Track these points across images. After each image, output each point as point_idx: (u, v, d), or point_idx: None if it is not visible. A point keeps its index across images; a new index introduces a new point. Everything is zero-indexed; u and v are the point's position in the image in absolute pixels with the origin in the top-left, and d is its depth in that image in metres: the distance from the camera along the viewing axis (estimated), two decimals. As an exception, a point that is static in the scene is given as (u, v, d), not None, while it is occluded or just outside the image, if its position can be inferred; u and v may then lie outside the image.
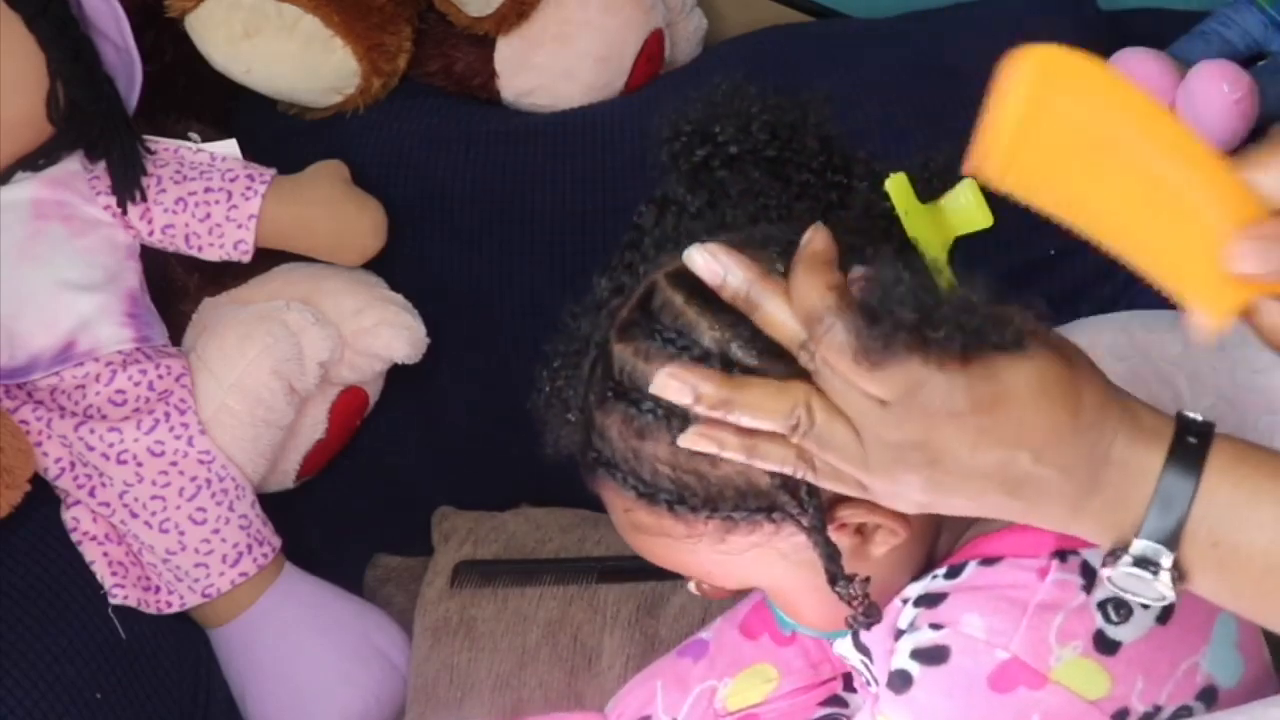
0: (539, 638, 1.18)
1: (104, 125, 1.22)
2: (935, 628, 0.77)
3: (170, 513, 1.19)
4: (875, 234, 0.73)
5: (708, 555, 0.77)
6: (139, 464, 1.18)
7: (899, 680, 0.78)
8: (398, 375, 1.34)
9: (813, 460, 0.67)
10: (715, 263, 0.67)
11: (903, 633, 0.79)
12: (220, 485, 1.20)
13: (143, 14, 1.31)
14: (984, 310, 0.63)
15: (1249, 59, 1.41)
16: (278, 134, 1.40)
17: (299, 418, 1.27)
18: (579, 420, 0.77)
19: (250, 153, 1.29)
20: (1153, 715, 0.77)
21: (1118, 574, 0.66)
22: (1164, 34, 1.43)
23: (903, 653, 0.78)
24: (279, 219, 1.26)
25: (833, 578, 0.74)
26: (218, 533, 1.20)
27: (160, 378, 1.20)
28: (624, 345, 0.74)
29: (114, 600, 1.16)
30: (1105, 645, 0.76)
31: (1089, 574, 0.77)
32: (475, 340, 1.36)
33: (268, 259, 1.29)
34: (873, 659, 0.85)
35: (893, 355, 0.63)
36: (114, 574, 1.17)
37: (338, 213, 1.30)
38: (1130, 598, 0.68)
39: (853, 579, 0.75)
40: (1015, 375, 0.64)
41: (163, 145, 1.26)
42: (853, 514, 0.74)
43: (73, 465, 1.19)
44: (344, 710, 1.22)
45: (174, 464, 1.19)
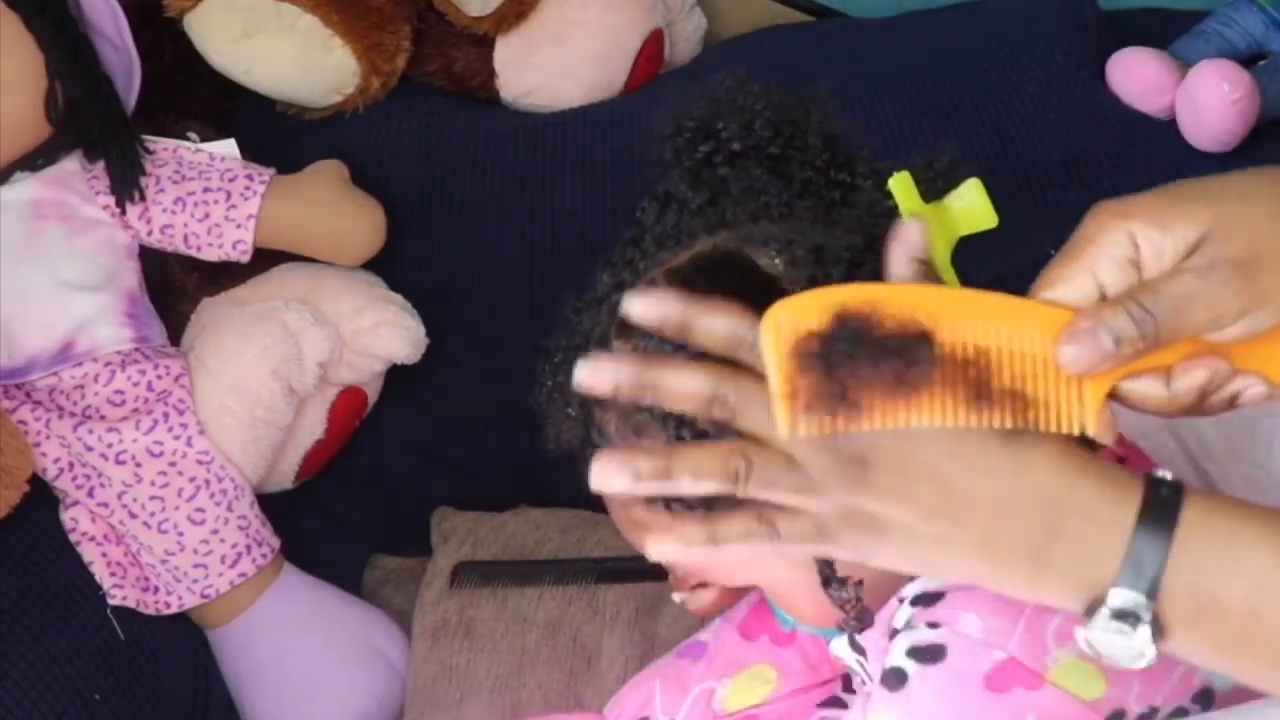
0: (538, 638, 1.17)
1: (103, 125, 1.22)
2: (932, 626, 0.77)
3: (169, 513, 1.18)
4: (878, 233, 0.73)
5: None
6: (138, 464, 1.18)
7: (893, 678, 0.77)
8: (397, 375, 1.34)
9: (774, 521, 0.64)
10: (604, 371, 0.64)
11: (898, 631, 0.79)
12: (219, 486, 1.20)
13: (141, 14, 1.31)
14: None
15: (1249, 59, 1.41)
16: (277, 134, 1.40)
17: (298, 418, 1.27)
18: (579, 415, 0.77)
19: (249, 152, 1.29)
20: (1149, 717, 0.77)
21: (1094, 633, 0.62)
22: (1164, 34, 1.43)
23: (898, 651, 0.78)
24: (278, 219, 1.25)
25: (826, 581, 0.75)
26: (216, 533, 1.20)
27: (159, 378, 1.20)
28: (623, 343, 0.74)
29: (113, 601, 1.16)
30: None
31: None
32: (475, 340, 1.36)
33: (267, 259, 1.29)
34: (868, 658, 0.85)
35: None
36: (113, 575, 1.17)
37: (337, 213, 1.30)
38: (1105, 661, 0.66)
39: (845, 582, 0.75)
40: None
41: (161, 145, 1.26)
42: None
43: (71, 466, 1.19)
44: (343, 711, 1.22)
45: (173, 464, 1.19)
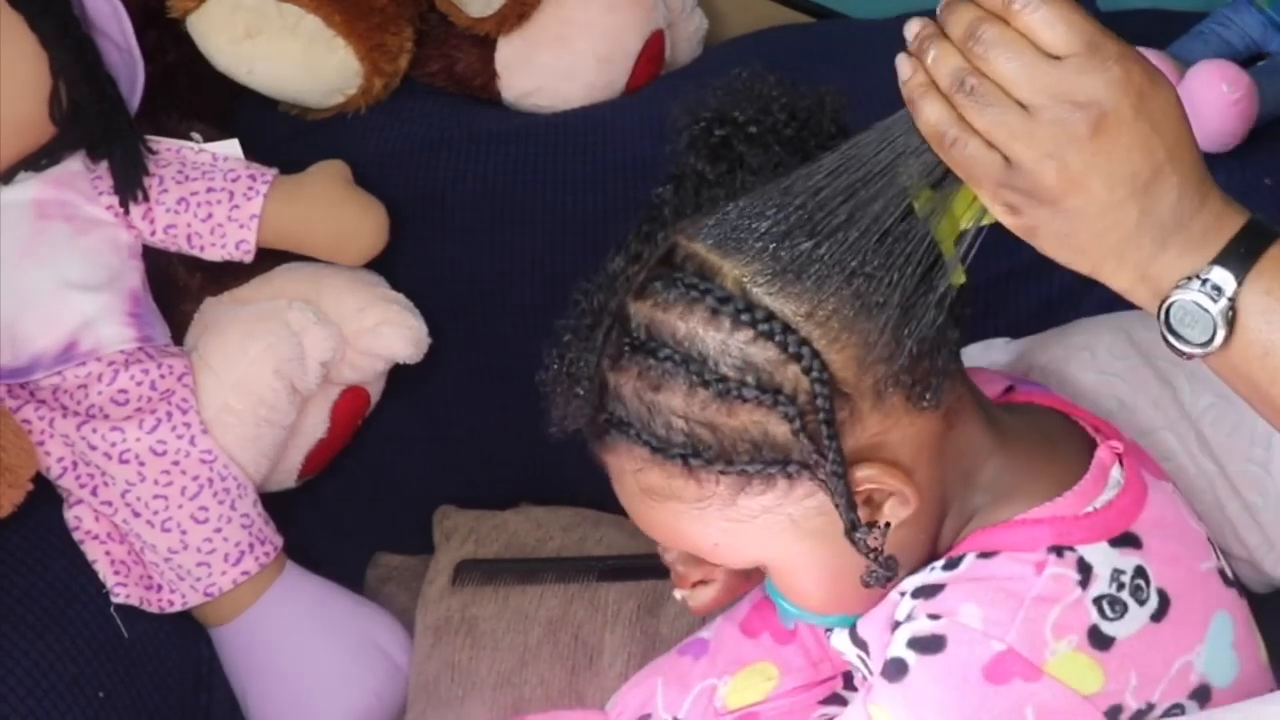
0: (540, 636, 1.18)
1: (106, 125, 1.22)
2: (933, 618, 0.77)
3: (172, 512, 1.19)
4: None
5: (716, 523, 0.77)
6: (141, 463, 1.19)
7: (894, 668, 0.78)
8: (399, 375, 1.34)
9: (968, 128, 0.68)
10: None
11: (900, 624, 0.79)
12: (222, 484, 1.20)
13: (144, 14, 1.31)
14: None
15: (1248, 59, 1.41)
16: (279, 134, 1.40)
17: (301, 417, 1.27)
18: (589, 390, 0.77)
19: (252, 153, 1.29)
20: (1145, 713, 0.77)
21: (1182, 298, 0.67)
22: (1163, 34, 1.43)
23: (899, 642, 0.78)
24: (281, 219, 1.26)
25: (851, 525, 0.74)
26: (220, 532, 1.20)
27: (162, 377, 1.20)
28: (642, 303, 0.75)
29: (116, 599, 1.16)
30: (1100, 640, 0.76)
31: (1085, 569, 0.77)
32: (477, 339, 1.36)
33: (269, 259, 1.30)
34: (869, 653, 0.86)
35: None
36: (116, 573, 1.17)
37: (339, 213, 1.30)
38: (1172, 341, 0.70)
39: (873, 526, 0.76)
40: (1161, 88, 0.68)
41: (165, 145, 1.26)
42: (866, 477, 0.75)
43: (75, 465, 1.19)
44: (345, 708, 1.22)
45: (176, 463, 1.19)
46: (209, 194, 1.24)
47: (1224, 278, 0.67)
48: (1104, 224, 0.68)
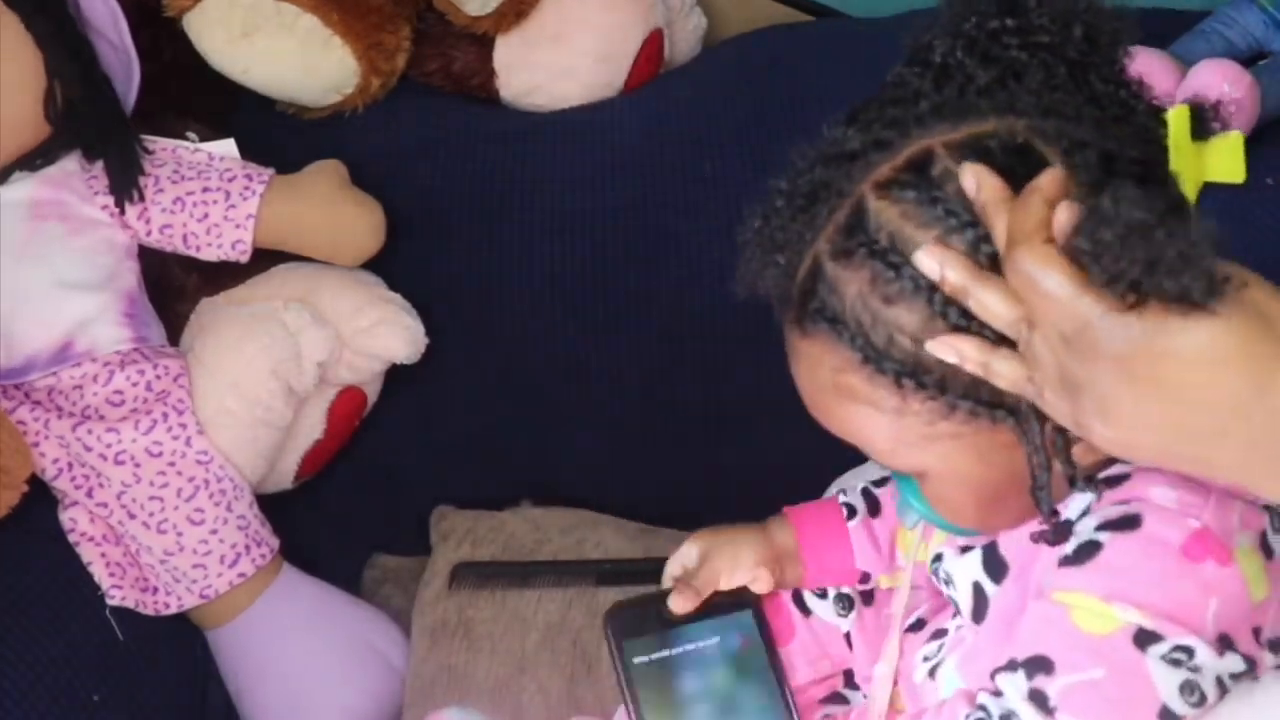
0: (538, 641, 1.17)
1: (102, 125, 1.22)
2: (1122, 503, 0.76)
3: (168, 513, 1.18)
4: (1151, 154, 0.72)
5: (902, 433, 0.74)
6: (137, 464, 1.18)
7: (1083, 551, 0.75)
8: (396, 375, 1.33)
9: (1042, 388, 0.66)
10: (933, 260, 0.68)
11: (1070, 523, 0.77)
12: (218, 486, 1.20)
13: (140, 13, 1.30)
14: (1174, 256, 0.60)
15: (1250, 58, 1.40)
16: (276, 133, 1.40)
17: (297, 418, 1.27)
18: (793, 264, 0.74)
19: (248, 152, 1.29)
20: (1277, 645, 0.76)
21: None
22: (1165, 33, 1.43)
23: (1085, 530, 0.76)
24: (277, 219, 1.25)
25: (1038, 487, 0.73)
26: (216, 533, 1.19)
27: (158, 378, 1.20)
28: (888, 204, 0.71)
29: (111, 601, 1.16)
30: (1267, 549, 0.75)
31: None
32: (474, 340, 1.36)
33: (266, 259, 1.29)
34: (1006, 575, 0.83)
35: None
36: (112, 575, 1.17)
37: (336, 212, 1.29)
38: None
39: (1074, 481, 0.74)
40: (1189, 336, 0.61)
41: (160, 145, 1.26)
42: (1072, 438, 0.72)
43: (70, 466, 1.19)
44: (342, 711, 1.22)
45: (172, 464, 1.19)
46: (205, 194, 1.23)
47: None
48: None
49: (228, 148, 1.28)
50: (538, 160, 1.39)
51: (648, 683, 0.96)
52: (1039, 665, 0.75)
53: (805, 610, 1.03)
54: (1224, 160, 0.73)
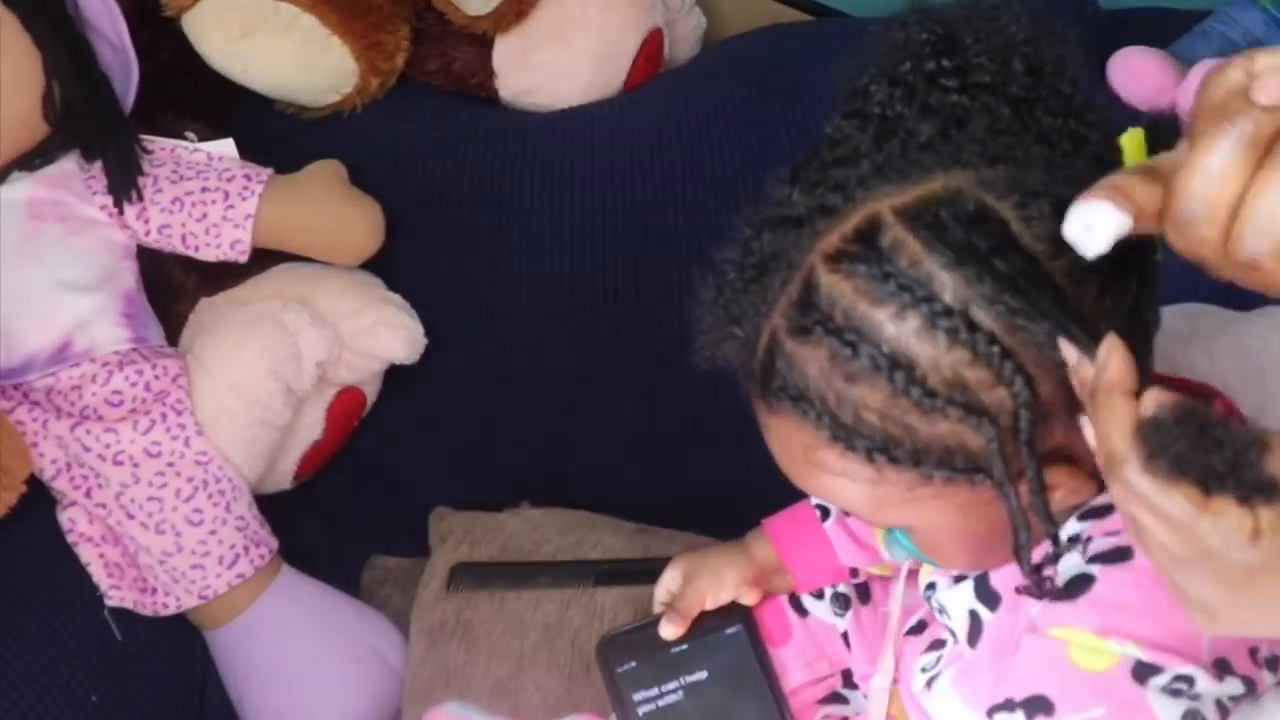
0: (536, 641, 1.17)
1: (100, 125, 1.22)
2: (1113, 534, 0.75)
3: (167, 514, 1.18)
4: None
5: (880, 498, 0.73)
6: (135, 465, 1.18)
7: (1074, 585, 0.75)
8: (395, 376, 1.33)
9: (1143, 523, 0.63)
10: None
11: (1060, 555, 0.77)
12: (217, 486, 1.20)
13: (139, 13, 1.30)
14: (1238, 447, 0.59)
15: (1250, 58, 1.40)
16: (275, 133, 1.40)
17: (296, 418, 1.27)
18: (752, 338, 0.73)
19: (247, 152, 1.29)
20: (1275, 664, 0.75)
21: None
22: (1165, 33, 1.43)
23: (1073, 562, 0.75)
24: (276, 219, 1.25)
25: (1019, 547, 0.71)
26: (214, 534, 1.19)
27: (157, 378, 1.19)
28: (840, 278, 0.68)
29: (110, 602, 1.16)
30: None
31: None
32: (473, 340, 1.36)
33: (265, 259, 1.29)
34: (999, 606, 0.82)
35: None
36: (110, 576, 1.17)
37: (335, 212, 1.29)
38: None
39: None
40: None
41: (159, 145, 1.26)
42: (1053, 475, 0.71)
43: (69, 466, 1.19)
44: (340, 711, 1.21)
45: (171, 465, 1.19)
46: (204, 194, 1.23)
47: None
48: None
49: (226, 147, 1.28)
50: (537, 160, 1.39)
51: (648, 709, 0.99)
52: (1038, 706, 0.75)
53: (802, 611, 1.03)
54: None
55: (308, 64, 1.36)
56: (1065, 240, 0.61)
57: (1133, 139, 0.68)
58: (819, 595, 1.02)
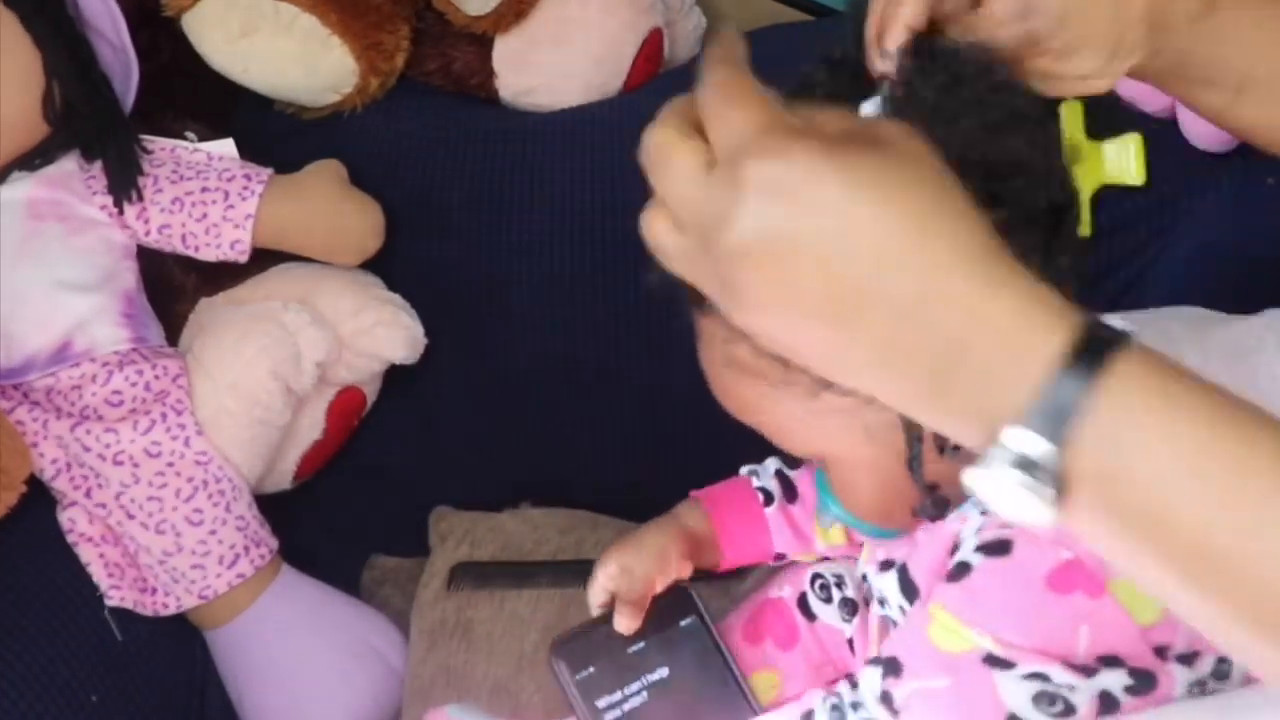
0: (536, 642, 1.17)
1: (100, 125, 1.22)
2: (1004, 526, 0.77)
3: (167, 514, 1.18)
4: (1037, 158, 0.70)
5: (792, 409, 0.75)
6: (135, 465, 1.18)
7: (957, 570, 0.78)
8: (395, 376, 1.33)
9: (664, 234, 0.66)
10: None
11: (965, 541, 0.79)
12: (217, 486, 1.20)
13: (139, 13, 1.30)
14: None
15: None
16: (275, 133, 1.40)
17: (296, 418, 1.27)
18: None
19: (247, 152, 1.29)
20: (1190, 659, 0.76)
21: (984, 478, 0.54)
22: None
23: (967, 548, 0.78)
24: (276, 219, 1.25)
25: (913, 458, 0.74)
26: (214, 534, 1.19)
27: (157, 378, 1.19)
28: None
29: (110, 602, 1.16)
30: None
31: None
32: (473, 340, 1.35)
33: (265, 259, 1.29)
34: (917, 599, 0.85)
35: None
36: (110, 575, 1.17)
37: (335, 212, 1.29)
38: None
39: (942, 451, 0.75)
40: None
41: (159, 145, 1.26)
42: None
43: (69, 466, 1.19)
44: (340, 711, 1.21)
45: (171, 465, 1.19)
46: (204, 194, 1.23)
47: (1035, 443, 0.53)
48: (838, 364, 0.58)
49: (226, 147, 1.28)
50: (537, 160, 1.39)
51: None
52: (891, 667, 0.79)
53: (810, 616, 1.03)
54: (1121, 162, 0.71)
55: (308, 64, 1.35)
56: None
57: (1071, 111, 0.70)
58: (827, 600, 1.02)
